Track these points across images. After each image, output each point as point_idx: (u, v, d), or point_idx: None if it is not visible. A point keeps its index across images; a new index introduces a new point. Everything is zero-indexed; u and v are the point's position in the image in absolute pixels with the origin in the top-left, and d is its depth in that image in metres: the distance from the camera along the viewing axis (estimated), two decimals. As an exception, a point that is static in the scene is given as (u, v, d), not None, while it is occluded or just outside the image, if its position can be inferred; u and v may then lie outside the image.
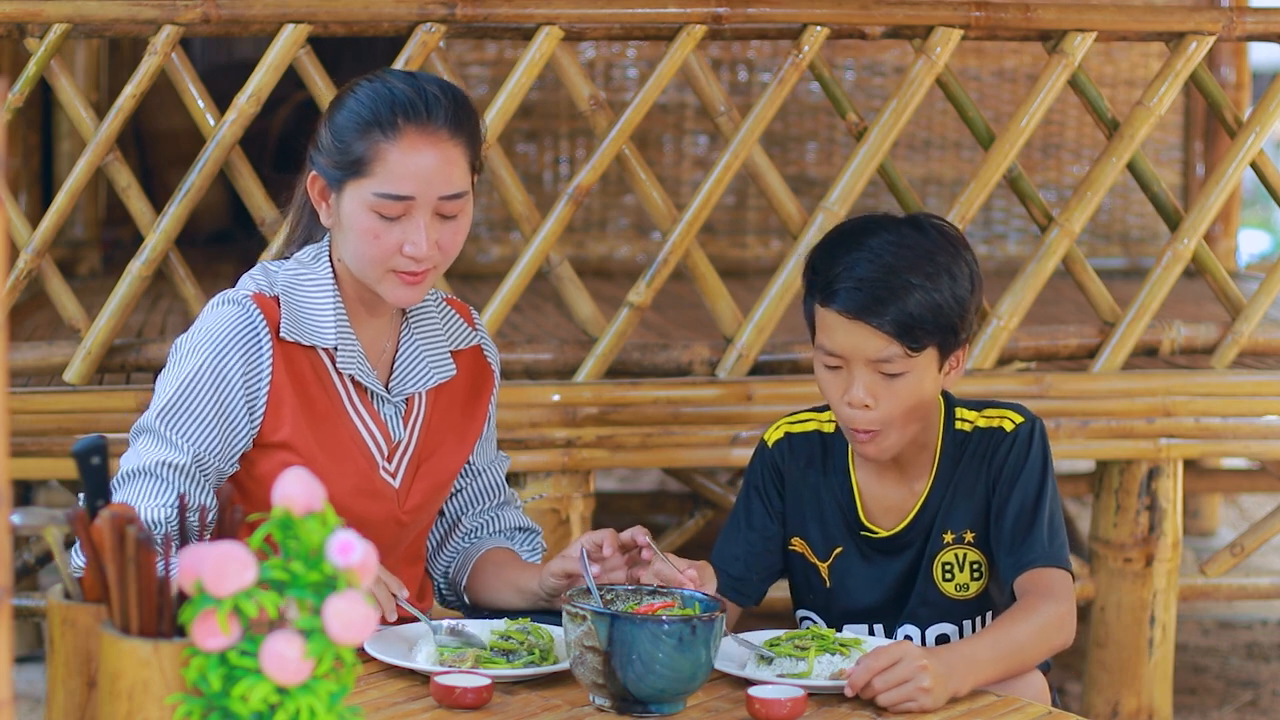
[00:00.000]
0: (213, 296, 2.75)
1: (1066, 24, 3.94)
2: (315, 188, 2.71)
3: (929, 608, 2.77)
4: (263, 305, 2.68)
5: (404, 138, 2.62)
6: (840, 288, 2.63)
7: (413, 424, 2.80)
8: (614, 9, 3.84)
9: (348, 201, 2.66)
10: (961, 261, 2.68)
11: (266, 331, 2.67)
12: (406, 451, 2.79)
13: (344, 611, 1.75)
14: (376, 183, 2.63)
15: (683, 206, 3.90)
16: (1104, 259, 6.18)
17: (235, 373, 2.65)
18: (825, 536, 2.81)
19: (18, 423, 3.67)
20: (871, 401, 2.64)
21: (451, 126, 2.65)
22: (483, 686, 2.34)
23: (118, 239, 6.25)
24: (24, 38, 3.71)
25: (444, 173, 2.64)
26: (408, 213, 2.63)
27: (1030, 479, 2.71)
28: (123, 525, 1.85)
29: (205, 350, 2.66)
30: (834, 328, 2.65)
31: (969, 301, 2.67)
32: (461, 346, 2.86)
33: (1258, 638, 5.27)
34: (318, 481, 1.79)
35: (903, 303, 2.61)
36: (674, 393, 3.85)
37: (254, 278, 2.74)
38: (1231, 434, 4.03)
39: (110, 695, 1.82)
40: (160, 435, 2.65)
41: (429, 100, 2.65)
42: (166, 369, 2.72)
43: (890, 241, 2.66)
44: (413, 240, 2.62)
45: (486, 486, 2.95)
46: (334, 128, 2.68)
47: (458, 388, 2.85)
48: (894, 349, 2.62)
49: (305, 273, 2.72)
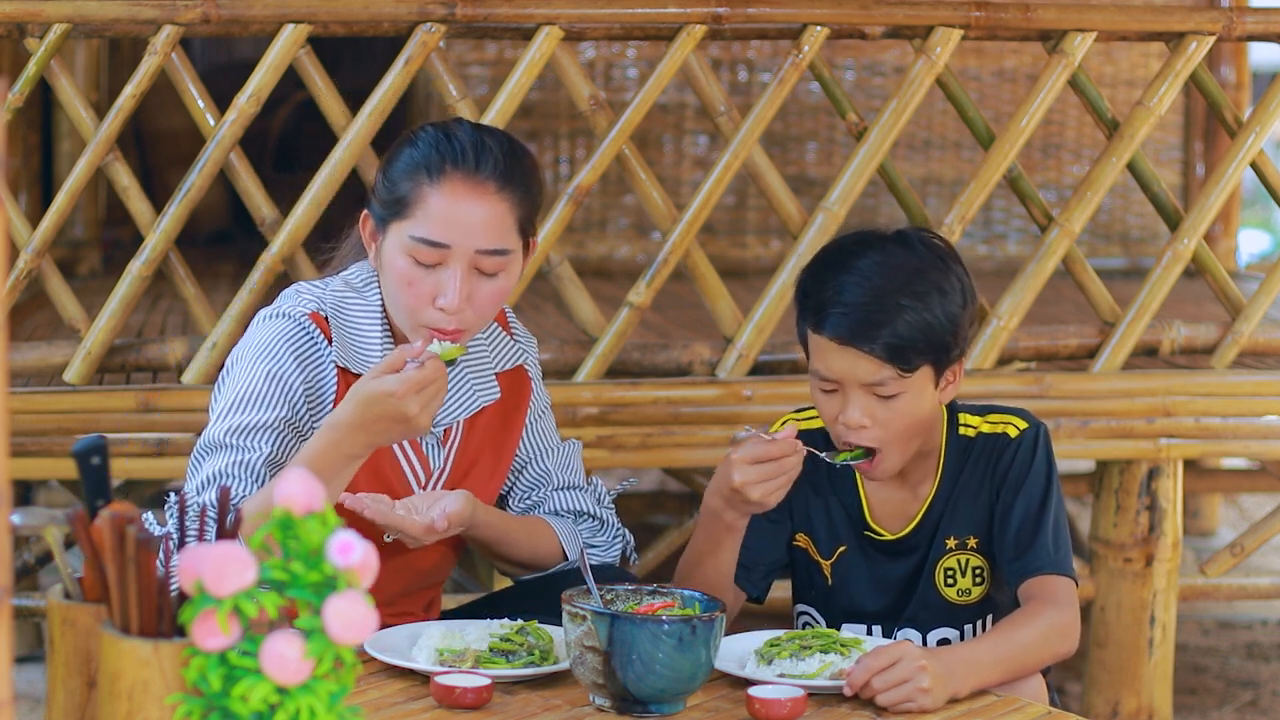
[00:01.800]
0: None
1: (1066, 24, 3.94)
2: (366, 228, 2.68)
3: (930, 612, 2.77)
4: (320, 325, 2.65)
5: (447, 183, 2.58)
6: (830, 313, 2.62)
7: (449, 449, 2.76)
8: (614, 9, 3.84)
9: (389, 243, 2.62)
10: (952, 276, 2.66)
11: (327, 349, 2.64)
12: (443, 476, 2.76)
13: (344, 611, 1.75)
14: (414, 225, 2.58)
15: (683, 206, 3.89)
16: (1104, 259, 6.18)
17: (296, 382, 2.61)
18: (830, 535, 2.81)
19: (18, 423, 3.67)
20: (867, 422, 2.64)
21: (500, 180, 2.60)
22: (483, 686, 2.34)
23: (118, 239, 6.25)
24: (24, 38, 3.71)
25: (485, 226, 2.58)
26: (444, 262, 2.57)
27: (1035, 485, 2.71)
28: (123, 525, 1.85)
29: (263, 362, 2.61)
30: (826, 353, 2.64)
31: (960, 317, 2.66)
32: (507, 367, 2.82)
33: (1258, 638, 5.27)
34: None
35: (893, 326, 2.60)
36: (674, 393, 3.85)
37: (303, 295, 2.68)
38: (1231, 434, 4.03)
39: (110, 695, 1.82)
40: (231, 447, 2.58)
41: (481, 150, 2.60)
42: (222, 387, 2.66)
43: (878, 262, 2.64)
44: (446, 291, 2.57)
45: (537, 476, 2.87)
46: (389, 168, 2.65)
47: (496, 407, 2.81)
48: (887, 372, 2.61)
49: (355, 298, 2.68)
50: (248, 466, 2.57)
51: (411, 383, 2.46)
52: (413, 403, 2.46)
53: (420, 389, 2.47)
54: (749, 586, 2.79)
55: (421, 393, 2.47)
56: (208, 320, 3.76)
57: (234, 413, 2.60)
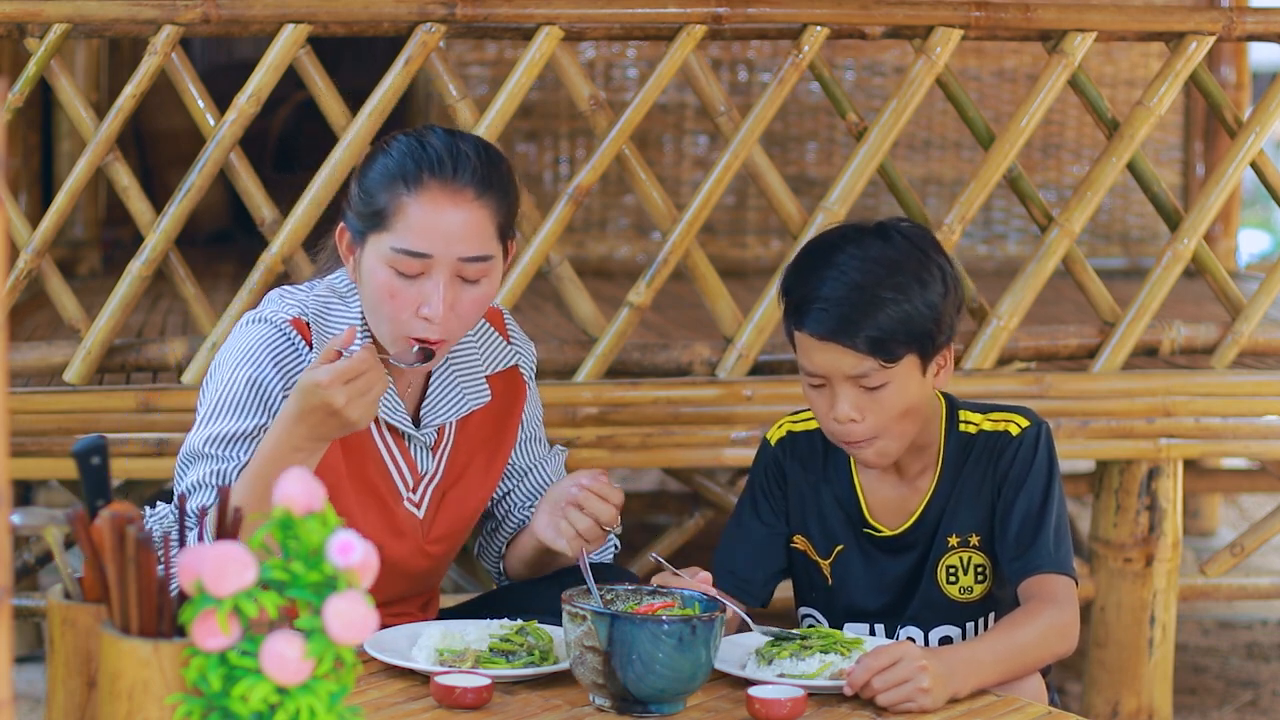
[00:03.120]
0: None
1: (1066, 24, 3.93)
2: (343, 241, 2.66)
3: (932, 610, 2.77)
4: (301, 330, 2.64)
5: (426, 193, 2.56)
6: (811, 310, 2.63)
7: (441, 453, 2.75)
8: (614, 9, 3.84)
9: (368, 255, 2.60)
10: (932, 265, 2.67)
11: (309, 355, 2.62)
12: (433, 481, 2.75)
13: (344, 611, 1.75)
14: (395, 237, 2.56)
15: (683, 206, 3.89)
16: (1104, 259, 6.18)
17: (275, 388, 2.60)
18: (827, 534, 2.81)
19: (18, 423, 3.67)
20: (858, 415, 2.65)
21: (479, 187, 2.58)
22: (483, 686, 2.34)
23: (118, 239, 6.25)
24: (24, 38, 3.71)
25: (466, 233, 2.56)
26: (426, 272, 2.56)
27: (1036, 484, 2.71)
28: (123, 525, 1.85)
29: (243, 368, 2.60)
30: (809, 349, 2.65)
31: (942, 305, 2.66)
32: (499, 369, 2.81)
33: (1258, 638, 5.27)
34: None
35: (873, 320, 2.60)
36: (674, 393, 3.85)
37: (286, 300, 2.67)
38: (1231, 434, 4.03)
39: (110, 695, 1.82)
40: (211, 457, 2.59)
41: (458, 158, 2.58)
42: (205, 391, 2.66)
43: (855, 257, 2.64)
44: (429, 301, 2.55)
45: (536, 485, 2.87)
46: (363, 180, 2.62)
47: (488, 410, 2.79)
48: (869, 364, 2.62)
49: (338, 304, 2.67)
50: (226, 478, 2.57)
51: (338, 373, 2.43)
52: (339, 394, 2.42)
53: (347, 380, 2.43)
54: (749, 599, 2.80)
55: (349, 384, 2.43)
56: (208, 320, 3.75)
57: (213, 420, 2.60)
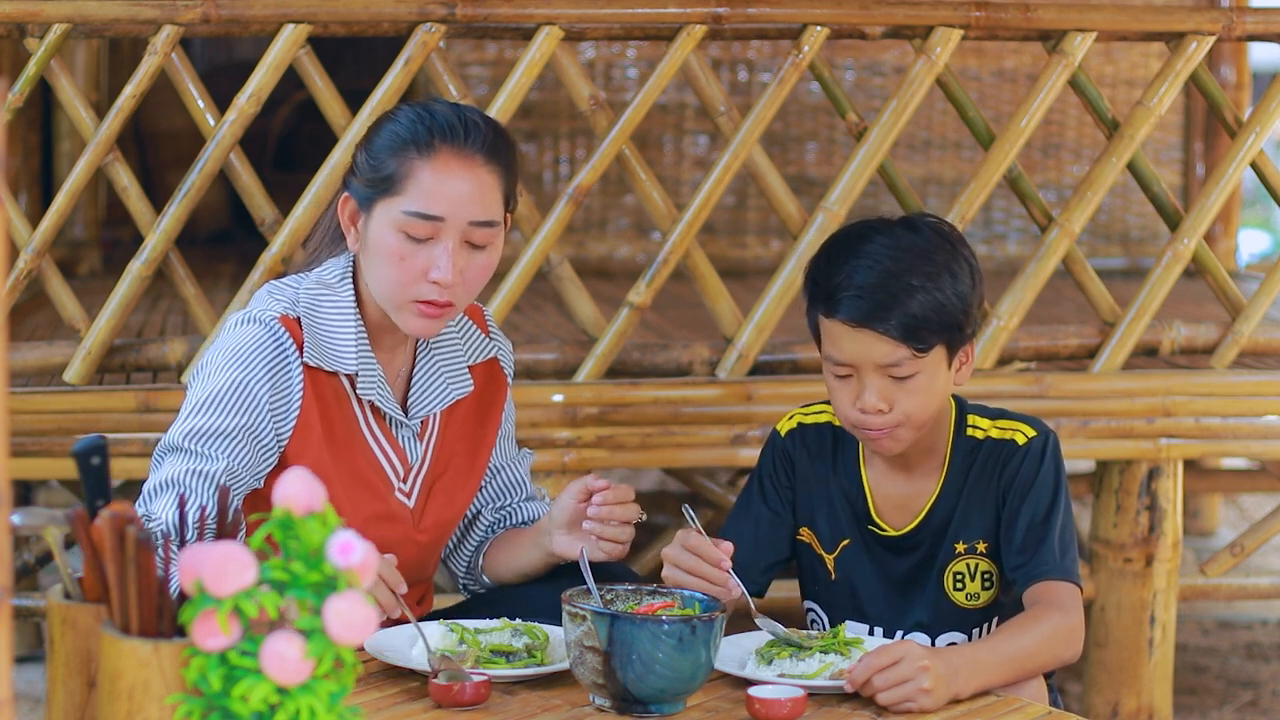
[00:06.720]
0: (226, 309, 2.71)
1: (1066, 24, 3.94)
2: (346, 210, 2.68)
3: (940, 616, 2.78)
4: (290, 328, 2.64)
5: (439, 157, 2.60)
6: (842, 296, 2.64)
7: (427, 442, 2.77)
8: (614, 9, 3.84)
9: (376, 222, 2.62)
10: (960, 258, 2.69)
11: (296, 355, 2.63)
12: (421, 470, 2.77)
13: (344, 611, 1.75)
14: (407, 200, 2.60)
15: (683, 206, 3.90)
16: (1104, 259, 6.18)
17: (262, 392, 2.60)
18: (833, 528, 2.81)
19: (18, 423, 3.67)
20: (885, 405, 2.65)
21: (488, 153, 2.63)
22: (481, 683, 2.34)
23: (118, 239, 6.25)
24: (24, 38, 3.71)
25: (477, 197, 2.61)
26: (436, 235, 2.60)
27: (1041, 493, 2.71)
28: (123, 525, 1.85)
29: (231, 369, 2.61)
30: (840, 337, 2.66)
31: (971, 297, 2.69)
32: (479, 360, 2.84)
33: (1258, 638, 5.27)
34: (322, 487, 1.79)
35: (906, 306, 2.62)
36: (674, 393, 3.85)
37: (275, 297, 2.68)
38: (1231, 434, 4.03)
39: (110, 695, 1.82)
40: (189, 452, 2.58)
41: (468, 125, 2.63)
42: (191, 389, 2.66)
43: (887, 245, 2.66)
44: (439, 264, 2.59)
45: (507, 483, 2.92)
46: (371, 147, 2.66)
47: (472, 400, 2.82)
48: (902, 352, 2.63)
49: (328, 295, 2.68)
50: (204, 476, 2.56)
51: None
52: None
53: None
54: (747, 584, 2.80)
55: None
56: (208, 320, 3.76)
57: (196, 415, 2.60)
